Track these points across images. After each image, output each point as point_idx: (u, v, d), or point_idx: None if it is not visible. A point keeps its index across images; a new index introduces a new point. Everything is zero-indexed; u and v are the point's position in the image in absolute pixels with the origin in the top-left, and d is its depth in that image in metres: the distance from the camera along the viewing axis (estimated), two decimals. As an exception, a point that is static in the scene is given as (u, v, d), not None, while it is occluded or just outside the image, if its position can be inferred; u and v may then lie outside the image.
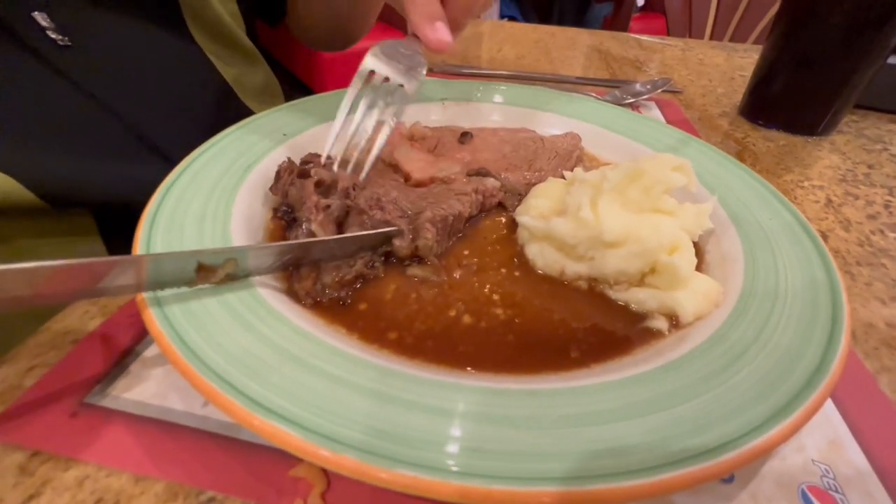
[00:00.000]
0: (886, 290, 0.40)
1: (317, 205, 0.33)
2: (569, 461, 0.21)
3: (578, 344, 0.29)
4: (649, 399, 0.24)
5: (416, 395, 0.24)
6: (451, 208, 0.36)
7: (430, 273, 0.33)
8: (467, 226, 0.39)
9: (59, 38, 0.42)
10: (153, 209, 0.32)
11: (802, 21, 0.62)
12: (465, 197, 0.37)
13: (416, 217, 0.34)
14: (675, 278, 0.30)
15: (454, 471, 0.20)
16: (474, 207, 0.38)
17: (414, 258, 0.34)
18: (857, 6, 0.57)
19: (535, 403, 0.24)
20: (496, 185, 0.40)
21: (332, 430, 0.21)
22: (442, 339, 0.29)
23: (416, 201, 0.37)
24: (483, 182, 0.40)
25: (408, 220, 0.34)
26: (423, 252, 0.33)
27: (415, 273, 0.33)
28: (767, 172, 0.57)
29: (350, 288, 0.32)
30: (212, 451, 0.24)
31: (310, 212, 0.33)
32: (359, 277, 0.32)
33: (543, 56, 0.93)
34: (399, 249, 0.33)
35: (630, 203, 0.33)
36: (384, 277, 0.33)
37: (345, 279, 0.31)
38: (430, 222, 0.33)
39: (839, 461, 0.26)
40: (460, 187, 0.38)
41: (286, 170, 0.38)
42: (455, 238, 0.37)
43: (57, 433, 0.24)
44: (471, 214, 0.38)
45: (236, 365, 0.23)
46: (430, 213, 0.34)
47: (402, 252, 0.33)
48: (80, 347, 0.28)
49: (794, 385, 0.25)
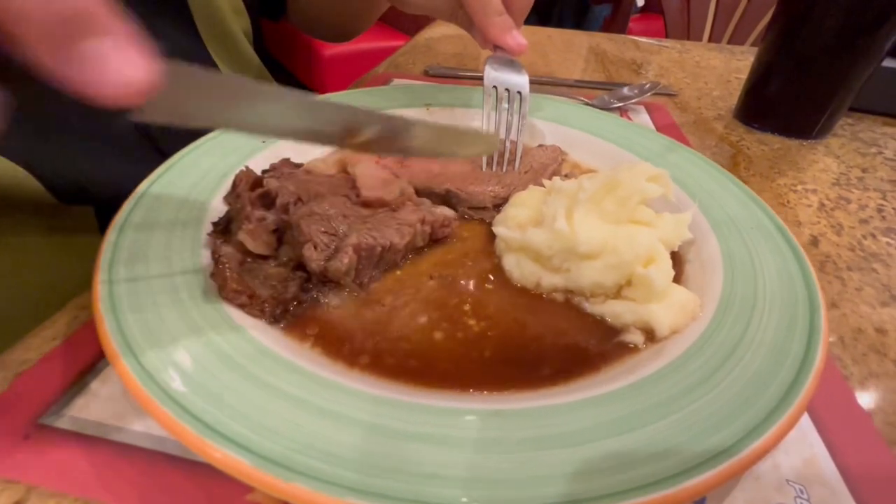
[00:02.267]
0: (877, 294, 0.39)
1: (250, 215, 0.32)
2: (531, 488, 0.20)
3: (551, 361, 0.29)
4: (618, 419, 0.24)
5: (379, 417, 0.23)
6: (384, 238, 0.33)
7: (348, 302, 0.31)
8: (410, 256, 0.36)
9: None
10: (124, 215, 0.32)
11: (797, 25, 0.61)
12: (406, 228, 0.35)
13: (342, 238, 0.32)
14: (650, 291, 0.30)
15: (413, 500, 0.19)
16: (419, 238, 0.36)
17: (328, 282, 0.32)
18: (852, 10, 0.56)
19: (500, 424, 0.23)
20: (448, 214, 0.38)
21: (286, 456, 0.21)
22: (412, 356, 0.29)
23: (355, 223, 0.34)
24: (432, 212, 0.37)
25: (336, 239, 0.32)
26: (333, 275, 0.31)
27: (329, 301, 0.31)
28: (761, 176, 0.56)
29: (287, 305, 0.30)
30: (169, 474, 0.23)
31: (242, 221, 0.32)
32: (294, 298, 0.31)
33: (540, 59, 0.92)
34: (308, 261, 0.31)
35: (606, 214, 0.32)
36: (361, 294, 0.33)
37: (281, 297, 0.30)
38: (353, 247, 0.31)
39: (814, 480, 0.25)
40: (405, 216, 0.36)
41: (241, 179, 0.37)
42: (384, 269, 0.34)
43: (8, 456, 0.23)
44: (412, 246, 0.36)
45: (192, 385, 0.23)
46: (356, 239, 0.32)
47: (311, 265, 0.31)
48: (38, 366, 0.28)
49: (767, 403, 0.24)
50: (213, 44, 0.56)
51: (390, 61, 0.85)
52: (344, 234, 0.33)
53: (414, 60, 0.85)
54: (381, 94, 0.56)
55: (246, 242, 0.31)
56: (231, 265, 0.30)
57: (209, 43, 0.55)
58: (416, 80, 0.74)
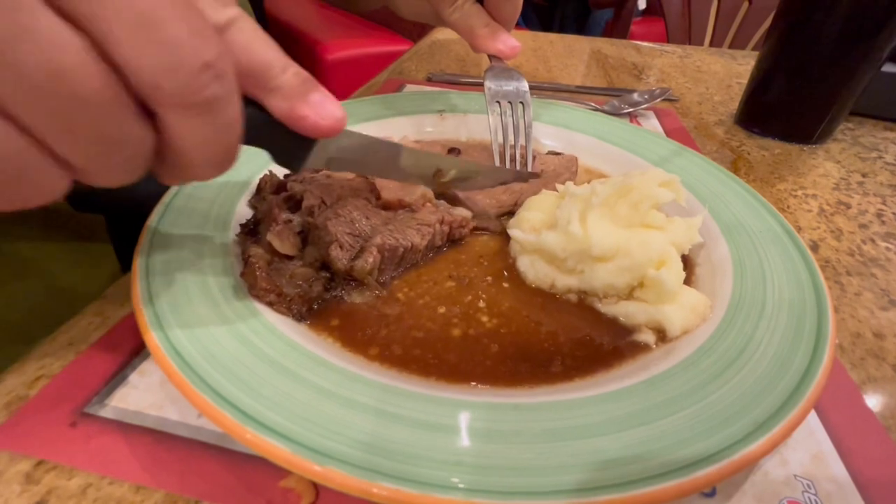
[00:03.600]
0: (875, 299, 0.40)
1: (277, 217, 0.34)
2: (549, 475, 0.22)
3: (565, 357, 0.30)
4: (632, 413, 0.25)
5: (403, 408, 0.24)
6: (406, 239, 0.34)
7: (371, 300, 0.33)
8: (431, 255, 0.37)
9: None
10: (156, 219, 0.33)
11: (797, 30, 0.62)
12: (426, 228, 0.36)
13: (366, 240, 0.34)
14: (662, 293, 0.31)
15: (436, 484, 0.21)
16: (437, 238, 0.37)
17: (352, 281, 0.33)
18: (851, 16, 0.58)
19: (518, 417, 0.25)
20: (466, 215, 0.39)
21: (320, 443, 0.22)
22: (430, 351, 0.30)
23: (377, 225, 0.36)
24: (450, 212, 0.38)
25: (360, 240, 0.34)
26: (358, 274, 0.32)
27: (353, 300, 0.33)
28: (762, 182, 0.57)
29: (312, 304, 0.32)
30: (206, 461, 0.25)
31: (269, 223, 0.33)
32: (318, 297, 0.32)
33: (542, 64, 0.94)
34: (335, 261, 0.32)
35: (619, 218, 0.34)
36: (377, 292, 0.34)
37: (306, 296, 0.31)
38: (377, 247, 0.33)
39: (821, 476, 0.26)
40: (424, 216, 0.37)
41: (266, 182, 0.39)
42: (405, 268, 0.36)
43: (57, 442, 0.25)
44: (432, 245, 0.37)
45: (229, 377, 0.24)
46: (381, 240, 0.33)
47: (336, 264, 0.32)
48: (80, 359, 0.29)
49: (775, 400, 0.25)
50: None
51: (394, 67, 0.86)
52: (367, 235, 0.34)
53: (417, 67, 0.87)
54: (396, 101, 0.57)
55: (274, 243, 0.32)
56: (260, 265, 0.31)
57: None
58: (426, 86, 0.75)
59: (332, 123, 0.25)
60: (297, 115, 0.25)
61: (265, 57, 0.23)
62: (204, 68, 0.18)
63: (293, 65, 0.24)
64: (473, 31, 0.44)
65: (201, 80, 0.18)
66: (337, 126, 0.26)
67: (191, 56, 0.18)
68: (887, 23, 0.57)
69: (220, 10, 0.21)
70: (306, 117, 0.25)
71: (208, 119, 0.20)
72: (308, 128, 0.25)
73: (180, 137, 0.20)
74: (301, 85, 0.24)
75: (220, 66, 0.19)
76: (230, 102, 0.21)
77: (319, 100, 0.25)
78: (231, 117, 0.21)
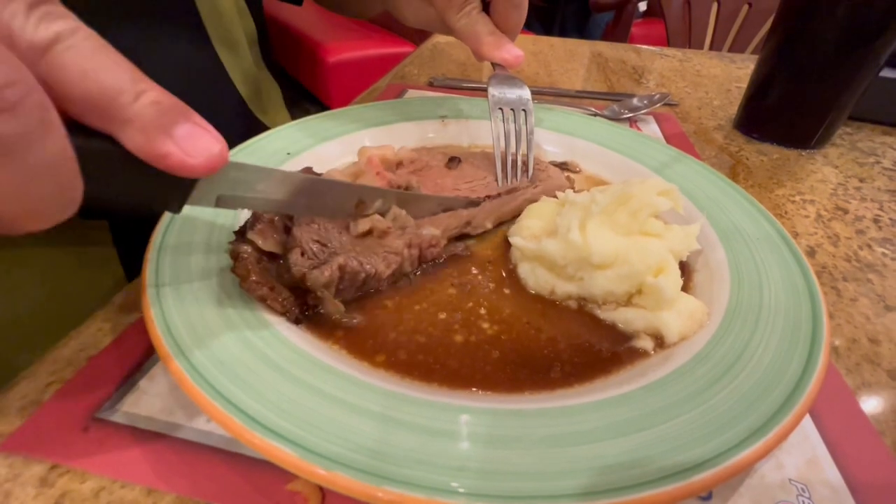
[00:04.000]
0: (871, 305, 0.41)
1: (260, 217, 0.34)
2: (550, 480, 0.22)
3: (564, 364, 0.31)
4: (631, 419, 0.26)
5: (407, 414, 0.25)
6: (370, 265, 0.34)
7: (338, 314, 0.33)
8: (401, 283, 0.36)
9: None
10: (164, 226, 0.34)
11: (795, 36, 0.63)
12: (392, 257, 0.35)
13: (332, 255, 0.33)
14: (660, 299, 0.32)
15: (442, 489, 0.21)
16: (406, 264, 0.36)
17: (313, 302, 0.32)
18: (850, 21, 0.58)
19: (519, 423, 0.25)
20: (435, 233, 0.38)
21: (326, 448, 0.23)
22: (433, 357, 0.31)
23: (345, 242, 0.35)
24: (418, 234, 0.37)
25: (326, 252, 0.33)
26: (311, 284, 0.31)
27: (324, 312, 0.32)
28: (760, 187, 0.58)
29: (303, 306, 0.32)
30: (215, 464, 0.25)
31: (252, 223, 0.33)
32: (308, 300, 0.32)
33: (543, 68, 0.94)
34: (292, 265, 0.31)
35: (618, 226, 0.34)
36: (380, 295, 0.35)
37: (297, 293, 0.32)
38: (339, 266, 0.32)
39: (816, 480, 0.27)
40: (391, 243, 0.36)
41: None
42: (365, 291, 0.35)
43: (70, 447, 0.25)
44: (400, 273, 0.36)
45: (238, 384, 0.25)
46: (344, 260, 0.32)
47: (292, 269, 0.31)
48: (91, 365, 0.30)
49: (770, 406, 0.26)
50: (222, 48, 0.57)
51: (396, 72, 0.87)
52: (335, 250, 0.34)
53: (419, 71, 0.87)
54: (398, 107, 0.58)
55: (255, 240, 0.32)
56: (251, 260, 0.31)
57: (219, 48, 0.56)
58: (428, 91, 0.76)
59: (205, 161, 0.21)
60: (157, 152, 0.20)
61: (107, 81, 0.19)
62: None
63: (152, 87, 0.20)
64: (479, 39, 0.44)
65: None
66: (212, 163, 0.21)
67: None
68: (885, 28, 0.58)
69: (42, 24, 0.17)
70: (169, 154, 0.20)
71: (7, 162, 0.16)
72: (174, 167, 0.21)
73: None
74: (160, 115, 0.20)
75: (10, 95, 0.16)
76: (38, 140, 0.17)
77: (188, 132, 0.21)
78: (44, 158, 0.17)
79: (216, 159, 0.21)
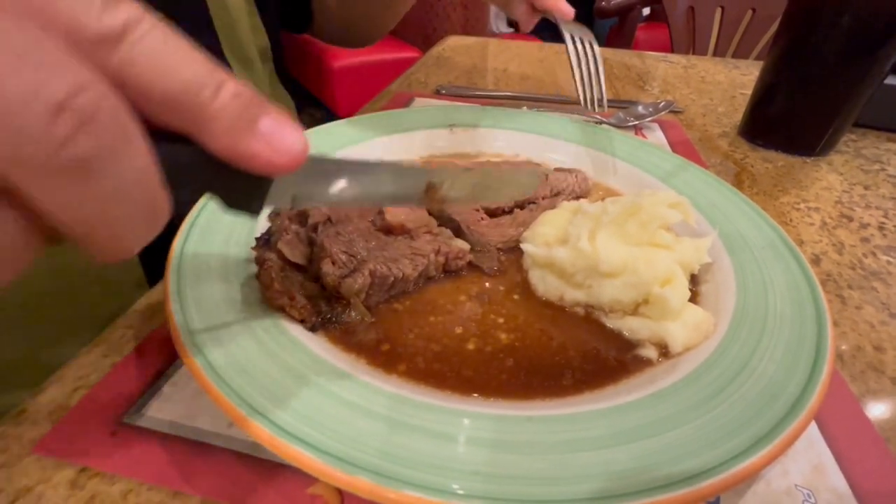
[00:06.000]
0: (876, 313, 0.41)
1: (287, 228, 0.35)
2: (562, 485, 0.23)
3: (575, 371, 0.31)
4: (639, 426, 0.26)
5: (424, 420, 0.26)
6: (398, 269, 0.35)
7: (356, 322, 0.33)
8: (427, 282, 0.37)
9: None
10: (183, 236, 0.35)
11: (800, 45, 0.64)
12: (419, 258, 0.36)
13: (361, 262, 0.34)
14: (666, 310, 0.32)
15: (458, 493, 0.22)
16: (431, 268, 0.37)
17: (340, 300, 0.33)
18: (855, 29, 0.59)
19: (532, 429, 0.26)
20: (464, 247, 0.39)
21: (347, 453, 0.23)
22: (448, 364, 0.31)
23: (374, 249, 0.36)
24: (448, 243, 0.38)
25: (355, 260, 0.34)
26: (345, 292, 0.33)
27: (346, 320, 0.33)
28: (764, 195, 0.59)
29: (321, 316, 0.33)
30: (237, 468, 0.26)
31: (280, 233, 0.35)
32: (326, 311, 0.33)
33: (548, 76, 0.95)
34: (325, 275, 0.33)
35: (627, 236, 0.35)
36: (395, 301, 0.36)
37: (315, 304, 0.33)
38: (370, 272, 0.33)
39: (821, 486, 0.28)
40: (420, 245, 0.37)
41: None
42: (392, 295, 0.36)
43: (99, 451, 0.26)
44: (425, 275, 0.37)
45: (261, 391, 0.26)
46: (373, 266, 0.34)
47: (326, 279, 0.33)
48: (116, 371, 0.31)
49: (776, 414, 0.27)
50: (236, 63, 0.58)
51: (403, 79, 0.88)
52: (363, 257, 0.35)
53: (426, 78, 0.89)
54: (406, 116, 0.59)
55: (284, 251, 0.34)
56: (275, 269, 0.32)
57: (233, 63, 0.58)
58: (434, 99, 0.77)
59: (291, 159, 0.19)
60: (245, 152, 0.18)
61: (186, 74, 0.16)
62: (54, 114, 0.13)
63: (229, 78, 0.18)
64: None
65: (54, 134, 0.13)
66: (297, 160, 0.19)
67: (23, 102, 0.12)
68: (890, 36, 0.58)
69: (107, 13, 0.14)
70: (257, 155, 0.18)
71: (89, 185, 0.14)
72: (261, 167, 0.19)
73: (61, 214, 0.14)
74: (245, 109, 0.18)
75: (85, 104, 0.13)
76: (120, 154, 0.14)
77: (272, 127, 0.18)
78: (128, 175, 0.15)
79: (301, 154, 0.19)
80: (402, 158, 0.54)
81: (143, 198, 0.16)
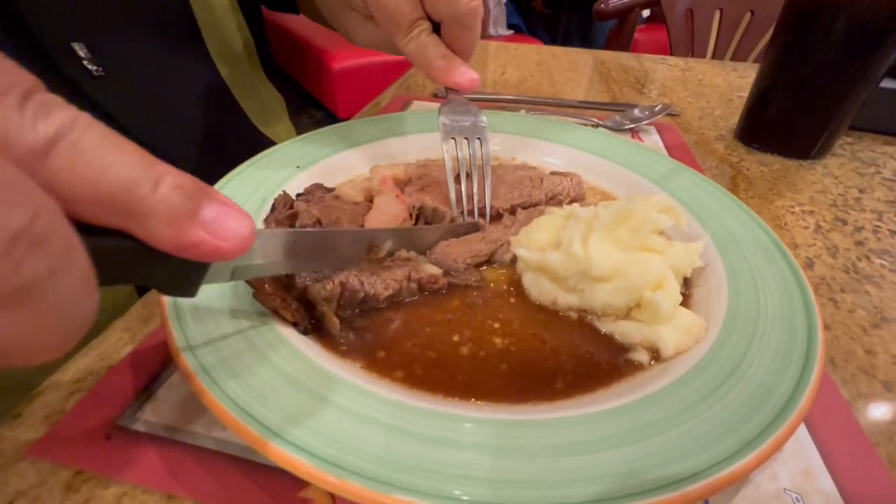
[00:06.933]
0: (868, 317, 0.42)
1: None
2: (552, 489, 0.23)
3: (567, 375, 0.32)
4: (629, 430, 0.27)
5: (416, 425, 0.26)
6: (370, 286, 0.35)
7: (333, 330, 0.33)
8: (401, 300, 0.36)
9: (95, 68, 0.45)
10: None
11: (795, 48, 0.64)
12: (391, 283, 0.36)
13: (335, 273, 0.34)
14: (657, 314, 0.33)
15: (449, 497, 0.22)
16: (405, 292, 0.37)
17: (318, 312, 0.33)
18: (849, 33, 0.59)
19: (523, 433, 0.26)
20: (434, 272, 0.38)
21: (338, 457, 0.24)
22: (443, 371, 0.32)
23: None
24: (418, 269, 0.37)
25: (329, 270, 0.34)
26: (312, 297, 0.33)
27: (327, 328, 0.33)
28: (760, 198, 0.59)
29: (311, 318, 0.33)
30: (230, 472, 0.27)
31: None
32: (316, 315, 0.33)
33: (546, 79, 0.96)
34: (296, 279, 0.33)
35: (619, 241, 0.35)
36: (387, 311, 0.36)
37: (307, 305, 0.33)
38: (341, 283, 0.33)
39: (810, 490, 0.28)
40: (391, 272, 0.37)
41: (279, 202, 0.41)
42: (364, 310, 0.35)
43: (94, 454, 0.27)
44: (397, 297, 0.37)
45: (254, 395, 0.26)
46: (345, 278, 0.34)
47: (296, 282, 0.33)
48: (111, 374, 0.31)
49: (765, 417, 0.27)
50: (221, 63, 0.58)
51: (401, 83, 0.89)
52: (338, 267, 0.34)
53: (424, 82, 0.89)
54: (403, 119, 0.59)
55: None
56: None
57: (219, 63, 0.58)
58: (432, 102, 0.77)
59: (238, 244, 0.19)
60: (188, 242, 0.18)
61: (121, 171, 0.16)
62: (9, 246, 0.12)
63: (168, 170, 0.17)
64: (430, 63, 0.41)
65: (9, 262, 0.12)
66: (245, 244, 0.19)
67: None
68: (885, 40, 0.59)
69: (39, 122, 0.14)
70: (201, 243, 0.18)
71: (31, 306, 0.13)
72: (207, 255, 0.18)
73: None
74: (187, 199, 0.17)
75: (40, 229, 0.13)
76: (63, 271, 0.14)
77: (216, 213, 0.18)
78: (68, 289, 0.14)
79: (249, 238, 0.19)
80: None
81: (77, 308, 0.15)
